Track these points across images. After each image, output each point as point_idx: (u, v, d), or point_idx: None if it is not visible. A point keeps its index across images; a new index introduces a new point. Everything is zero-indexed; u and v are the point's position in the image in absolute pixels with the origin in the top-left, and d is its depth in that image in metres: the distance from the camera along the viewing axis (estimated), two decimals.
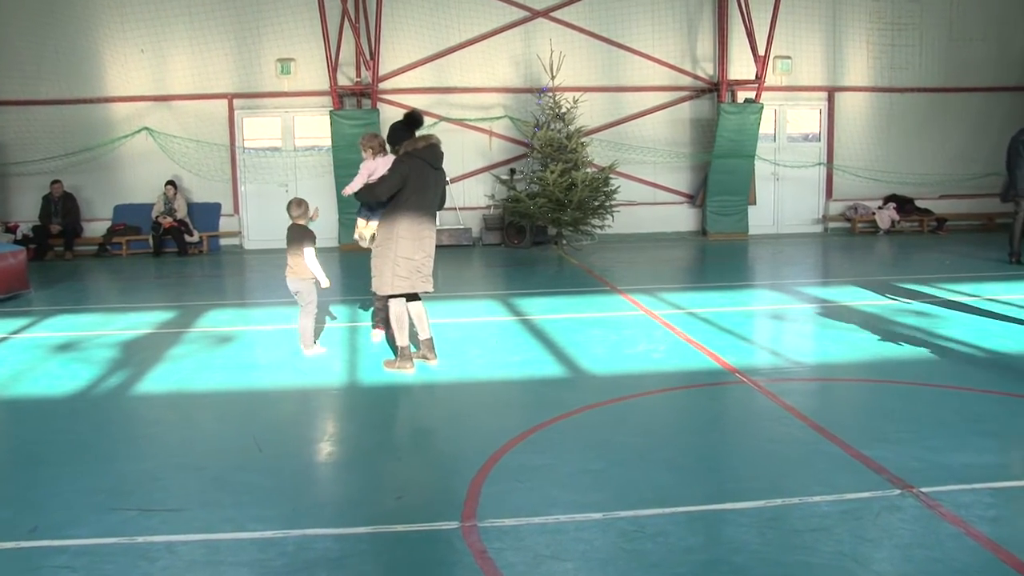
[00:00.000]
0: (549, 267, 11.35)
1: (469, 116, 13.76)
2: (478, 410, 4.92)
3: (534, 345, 6.40)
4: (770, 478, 3.77)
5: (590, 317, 7.49)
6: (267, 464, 4.10)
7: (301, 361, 6.02)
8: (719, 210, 14.11)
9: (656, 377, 5.47)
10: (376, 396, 5.33)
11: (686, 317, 7.34)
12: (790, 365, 5.68)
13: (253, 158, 13.64)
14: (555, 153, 12.21)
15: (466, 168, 14.18)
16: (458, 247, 13.46)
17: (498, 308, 8.04)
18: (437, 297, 8.78)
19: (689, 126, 14.36)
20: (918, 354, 5.85)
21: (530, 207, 11.93)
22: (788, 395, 4.98)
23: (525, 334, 6.81)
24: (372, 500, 3.67)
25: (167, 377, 5.65)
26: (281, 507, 3.58)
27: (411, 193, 5.54)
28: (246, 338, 6.84)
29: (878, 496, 3.53)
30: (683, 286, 9.32)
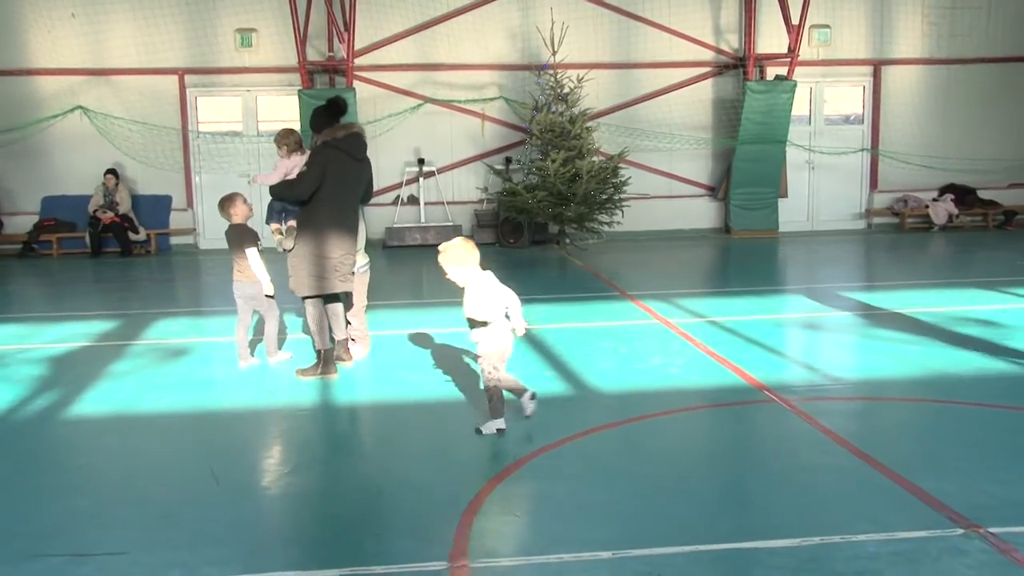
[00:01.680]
0: (550, 269, 11.35)
1: (458, 97, 13.78)
2: (468, 433, 4.92)
3: (532, 359, 6.40)
4: (806, 512, 3.76)
5: (596, 327, 7.49)
6: (225, 497, 4.09)
7: (265, 378, 6.01)
8: (745, 204, 14.16)
9: (673, 395, 5.47)
10: (350, 417, 5.32)
11: (707, 326, 7.35)
12: (828, 381, 5.68)
13: (209, 144, 13.63)
14: (557, 139, 12.24)
15: (455, 156, 14.20)
16: None
17: None
18: (421, 305, 8.79)
19: (711, 107, 14.40)
20: (982, 369, 5.84)
21: (528, 201, 11.96)
22: (826, 416, 4.98)
23: (522, 346, 6.79)
24: (346, 538, 3.66)
25: (107, 397, 5.63)
26: (240, 547, 3.57)
27: (330, 186, 5.82)
28: (201, 352, 6.83)
29: (937, 536, 3.49)
30: (703, 291, 9.33)
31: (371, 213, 13.56)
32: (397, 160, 13.97)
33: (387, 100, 13.68)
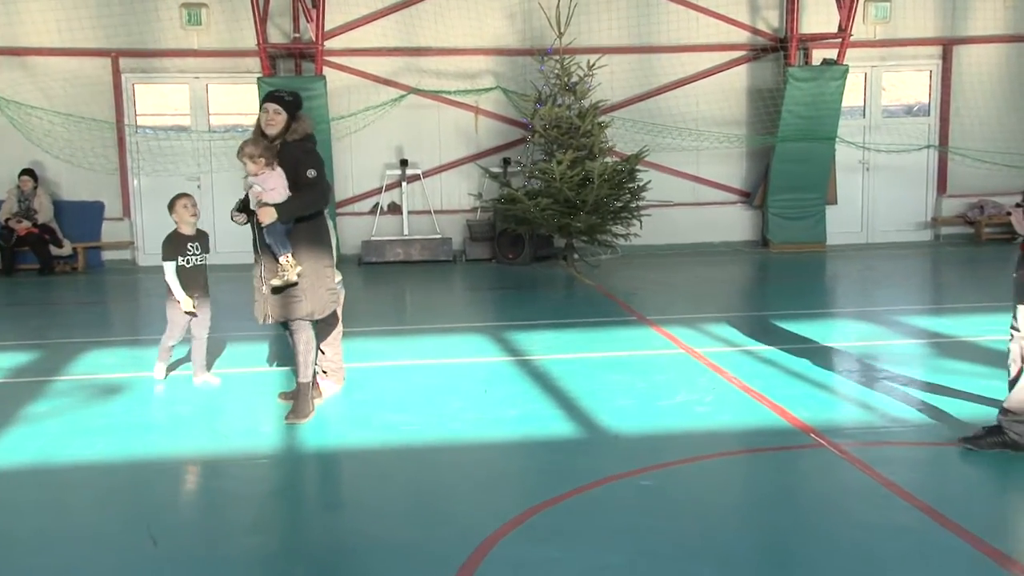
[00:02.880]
0: (555, 290, 11.34)
1: (448, 87, 13.85)
2: (461, 484, 4.90)
3: (536, 395, 6.39)
4: None
5: (611, 357, 7.48)
6: (165, 565, 4.05)
7: (216, 420, 5.98)
8: (786, 212, 14.20)
9: (700, 438, 5.46)
10: (320, 466, 5.29)
11: (741, 356, 7.34)
12: (888, 423, 5.66)
13: (150, 140, 13.67)
14: (563, 137, 12.29)
15: (444, 157, 14.24)
16: (433, 264, 13.49)
17: (487, 345, 8.04)
18: (404, 332, 8.78)
19: (745, 98, 14.48)
20: None
21: (530, 209, 11.99)
22: (885, 464, 4.95)
23: (524, 380, 6.80)
24: None
25: (21, 445, 5.59)
26: None
27: (326, 188, 6.00)
28: (139, 388, 6.81)
29: None
30: (736, 315, 9.32)
31: (345, 224, 13.64)
32: (376, 161, 14.02)
33: (363, 90, 13.74)
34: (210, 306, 6.97)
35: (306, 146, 5.91)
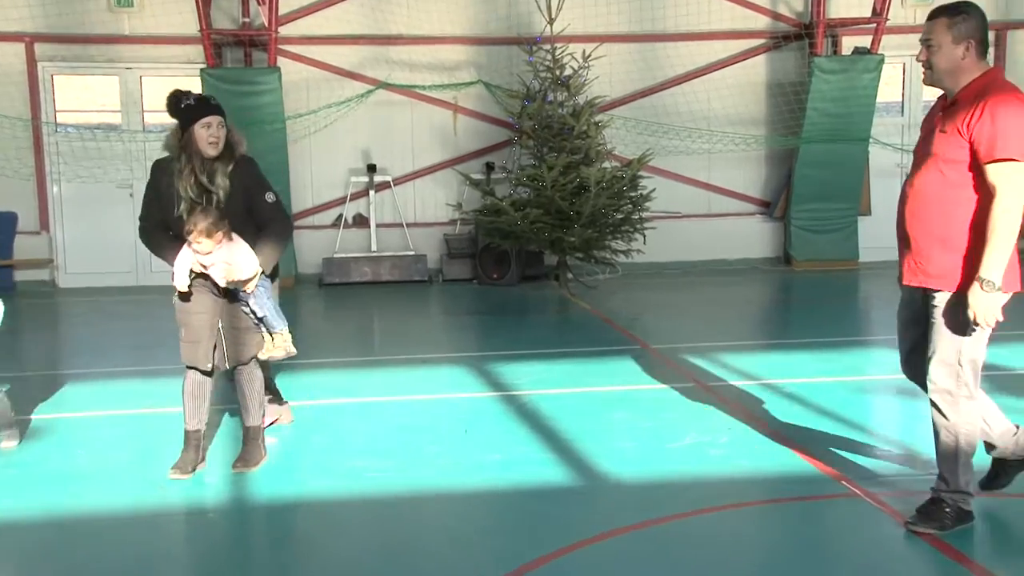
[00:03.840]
0: (546, 315, 11.33)
1: (422, 81, 13.88)
2: (436, 540, 4.88)
3: (523, 436, 6.38)
4: None
5: (610, 392, 7.47)
6: None
7: (151, 467, 5.94)
8: (811, 225, 14.27)
9: (714, 486, 5.45)
10: (272, 520, 5.26)
11: (760, 391, 7.35)
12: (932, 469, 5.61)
13: (73, 141, 13.62)
14: (555, 139, 12.31)
15: (417, 163, 14.26)
16: (406, 285, 13.48)
17: (468, 379, 8.03)
18: (372, 364, 8.76)
19: (765, 94, 14.56)
20: None
21: (517, 222, 11.99)
22: None
23: (510, 419, 6.79)
24: None
25: None
26: None
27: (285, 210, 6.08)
28: (59, 432, 6.76)
29: None
30: (755, 343, 9.33)
31: (303, 240, 13.62)
32: (339, 167, 14.02)
33: (324, 85, 13.77)
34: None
35: (254, 162, 5.90)
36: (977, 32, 4.49)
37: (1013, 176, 4.28)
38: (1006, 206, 4.29)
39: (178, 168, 5.65)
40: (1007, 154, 4.27)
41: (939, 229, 4.52)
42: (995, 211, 4.31)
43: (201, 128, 5.60)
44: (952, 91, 4.56)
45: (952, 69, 4.51)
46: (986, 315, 4.40)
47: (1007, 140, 4.27)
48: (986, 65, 4.54)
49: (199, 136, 5.61)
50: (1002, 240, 4.32)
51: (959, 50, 4.48)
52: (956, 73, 4.51)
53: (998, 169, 4.30)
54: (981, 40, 4.50)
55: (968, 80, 4.49)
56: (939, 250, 4.53)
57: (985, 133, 4.31)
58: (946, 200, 4.47)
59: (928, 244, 4.57)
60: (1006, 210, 4.29)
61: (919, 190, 4.60)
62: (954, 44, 4.48)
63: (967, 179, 4.42)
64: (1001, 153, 4.27)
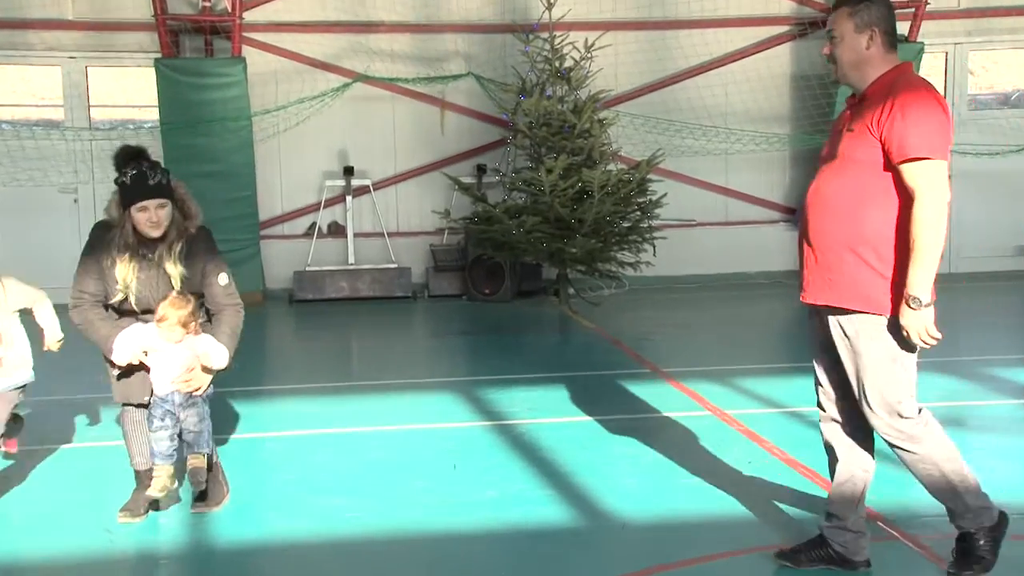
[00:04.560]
0: (545, 335, 11.32)
1: (405, 74, 13.90)
2: None
3: (520, 471, 6.36)
4: None
5: (616, 421, 7.45)
6: None
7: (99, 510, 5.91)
8: None
9: (733, 527, 5.42)
10: (237, 568, 5.23)
11: (784, 421, 7.34)
12: None
13: (9, 139, 13.48)
14: (554, 138, 12.33)
15: (400, 165, 14.28)
16: (387, 301, 13.48)
17: (457, 407, 8.02)
18: (349, 390, 8.73)
19: (789, 87, 14.61)
20: None
21: (512, 231, 11.99)
22: None
23: (504, 452, 6.78)
24: None
25: None
26: None
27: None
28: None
29: None
30: (778, 367, 9.31)
31: (271, 251, 13.61)
32: (311, 169, 14.03)
33: (295, 77, 13.78)
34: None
35: (210, 236, 5.86)
36: (882, 21, 4.44)
37: (930, 176, 4.21)
38: (927, 211, 4.20)
39: (117, 247, 5.52)
40: (920, 152, 4.20)
41: (850, 239, 4.41)
42: (915, 218, 4.21)
43: (137, 212, 5.48)
44: (860, 87, 4.52)
45: (857, 62, 4.48)
46: (921, 333, 4.28)
47: (920, 137, 4.21)
48: (895, 59, 4.50)
49: (136, 219, 5.49)
50: (927, 252, 4.22)
51: (862, 40, 4.44)
52: (862, 66, 4.48)
53: (913, 170, 4.22)
54: (887, 31, 4.46)
55: (876, 74, 4.45)
56: (852, 264, 4.41)
57: (896, 131, 4.24)
58: (856, 206, 4.38)
59: (837, 257, 4.45)
60: (928, 216, 4.20)
61: (825, 197, 4.49)
62: (856, 33, 4.44)
63: (878, 182, 4.34)
64: (914, 151, 4.20)
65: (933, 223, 4.19)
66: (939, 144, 4.21)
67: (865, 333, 4.43)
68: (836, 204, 4.43)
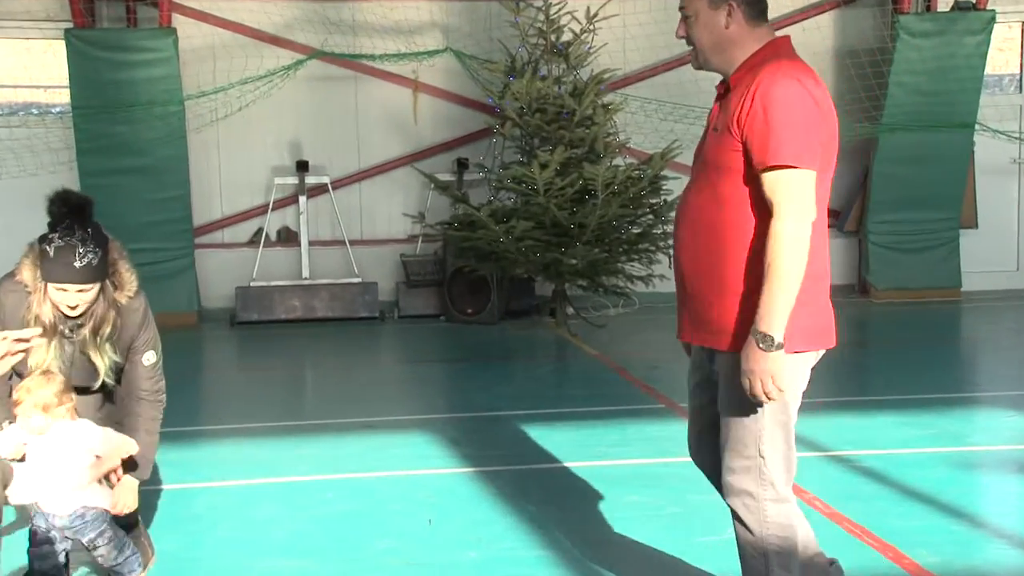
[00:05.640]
0: (539, 363, 11.33)
1: (370, 49, 13.94)
2: None
3: (508, 527, 6.38)
4: None
5: (623, 466, 7.46)
6: None
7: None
8: (896, 242, 14.40)
9: None
10: None
11: (827, 466, 7.36)
12: None
13: None
14: (549, 127, 12.35)
15: (364, 159, 14.32)
16: (349, 323, 13.49)
17: (432, 450, 8.04)
18: (302, 431, 8.73)
19: (832, 65, 14.69)
20: None
21: (499, 238, 12.00)
22: None
23: (489, 504, 6.79)
24: None
25: None
26: None
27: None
28: None
29: None
30: (820, 402, 9.32)
31: (208, 263, 13.62)
32: (257, 164, 14.07)
33: (237, 53, 13.80)
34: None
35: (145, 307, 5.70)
36: None
37: (791, 188, 4.04)
38: (784, 231, 4.02)
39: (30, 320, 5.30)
40: (781, 159, 4.02)
41: (715, 265, 4.29)
42: (771, 238, 4.04)
43: (55, 290, 5.25)
44: (727, 73, 4.38)
45: (718, 44, 4.34)
46: (766, 383, 4.09)
47: (781, 140, 4.02)
48: (766, 34, 4.36)
49: (52, 295, 5.27)
50: (782, 279, 4.03)
51: (719, 17, 4.30)
52: (724, 49, 4.34)
53: (773, 179, 4.05)
54: (750, 2, 4.33)
55: (744, 57, 4.31)
56: (718, 294, 4.29)
57: (757, 129, 4.07)
58: (721, 224, 4.25)
59: (705, 286, 4.34)
60: (785, 236, 4.02)
61: (690, 211, 4.39)
62: (712, 9, 4.30)
63: (744, 194, 4.18)
64: (774, 157, 4.02)
65: (791, 245, 4.02)
66: (804, 149, 4.04)
67: (731, 376, 4.27)
68: (701, 221, 4.32)
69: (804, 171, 4.03)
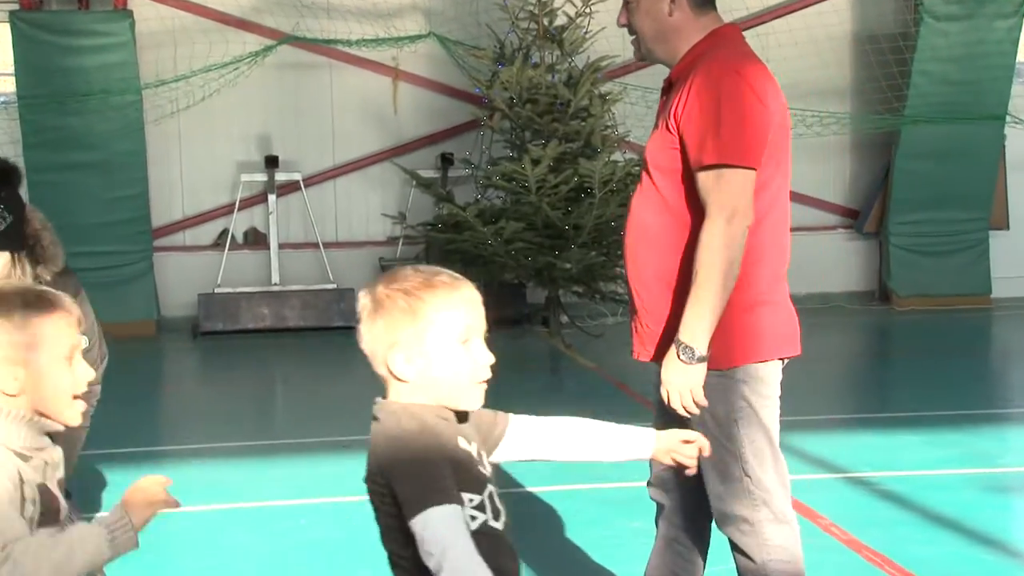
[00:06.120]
0: (530, 376, 11.34)
1: (346, 34, 13.89)
2: None
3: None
4: None
5: (625, 490, 7.41)
6: None
7: None
8: (920, 244, 14.44)
9: None
10: None
11: (846, 489, 7.40)
12: None
13: None
14: (542, 119, 12.35)
15: (340, 154, 14.32)
16: (323, 333, 13.47)
17: None
18: (274, 451, 8.73)
19: (850, 52, 14.77)
20: None
21: (487, 241, 12.00)
22: None
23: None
24: None
25: None
26: None
27: None
28: None
29: None
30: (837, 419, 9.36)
31: (168, 267, 13.62)
32: (223, 160, 14.08)
33: (200, 38, 13.80)
34: None
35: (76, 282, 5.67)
36: None
37: (727, 189, 4.01)
38: (715, 235, 3.99)
39: None
40: (715, 157, 4.00)
41: (660, 274, 4.28)
42: (700, 243, 4.02)
43: None
44: (670, 66, 4.38)
45: (660, 33, 4.33)
46: (684, 397, 4.11)
47: (716, 137, 4.00)
48: (712, 23, 4.33)
49: None
50: (709, 288, 4.01)
51: (662, 4, 4.27)
52: (667, 39, 4.33)
53: (707, 179, 4.03)
54: None
55: (688, 47, 4.29)
56: (664, 306, 4.27)
57: (693, 126, 4.06)
58: (663, 229, 4.25)
59: (650, 298, 4.32)
60: (715, 241, 4.00)
61: (633, 216, 4.38)
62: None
63: (685, 195, 4.17)
64: (709, 156, 4.01)
65: (721, 251, 3.98)
66: (741, 147, 4.01)
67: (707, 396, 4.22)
68: (643, 226, 4.32)
69: (741, 170, 4.00)
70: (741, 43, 4.30)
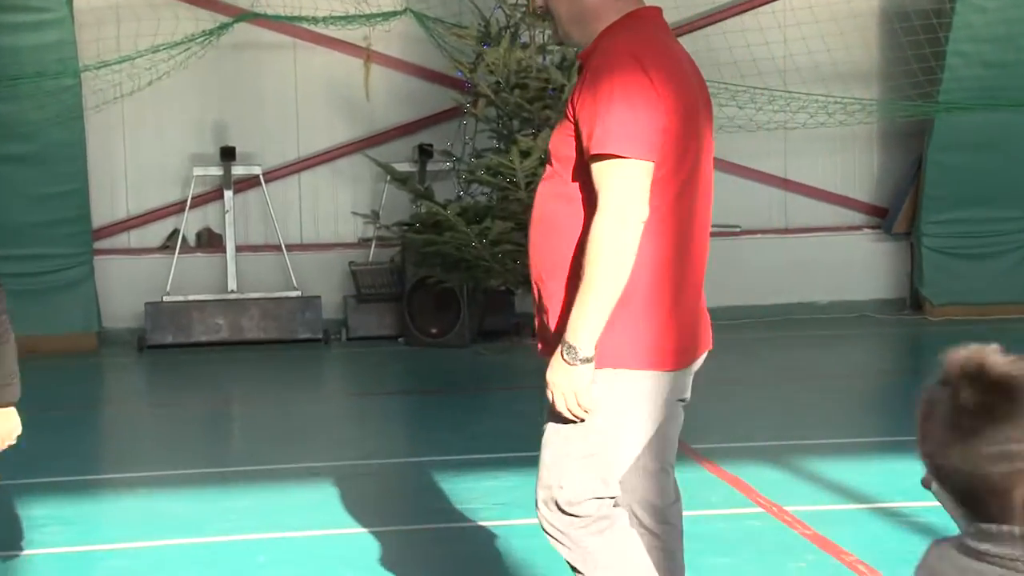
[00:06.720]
0: (519, 396, 11.34)
1: (311, 11, 13.87)
2: None
3: None
4: None
5: None
6: None
7: None
8: (956, 246, 14.47)
9: None
10: None
11: (869, 521, 7.41)
12: None
13: None
14: (532, 106, 12.37)
15: (305, 145, 14.34)
16: (285, 346, 13.50)
17: (392, 503, 8.11)
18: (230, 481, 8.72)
19: (877, 30, 14.82)
20: None
21: (471, 242, 12.01)
22: None
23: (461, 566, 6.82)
24: None
25: None
26: None
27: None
28: None
29: None
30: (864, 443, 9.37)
31: (110, 272, 13.62)
32: (172, 151, 14.09)
33: (146, 14, 13.79)
34: None
35: None
36: None
37: (617, 181, 4.12)
38: (604, 229, 4.11)
39: None
40: (606, 147, 4.11)
41: (556, 268, 4.42)
42: (589, 238, 4.14)
43: None
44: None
45: (578, 15, 4.43)
46: (569, 399, 4.27)
47: (607, 126, 4.11)
48: (631, 4, 4.42)
49: None
50: (595, 286, 4.13)
51: None
52: (584, 21, 4.43)
53: (598, 171, 4.16)
54: None
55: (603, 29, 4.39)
56: (558, 301, 4.42)
57: (586, 114, 4.19)
58: (561, 221, 4.40)
59: (549, 293, 4.47)
60: (604, 235, 4.11)
61: (535, 207, 4.56)
62: None
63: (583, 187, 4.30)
64: (599, 145, 4.12)
65: (609, 247, 4.10)
66: (635, 137, 4.11)
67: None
68: (542, 218, 4.49)
69: (634, 162, 4.09)
70: (652, 26, 4.38)
